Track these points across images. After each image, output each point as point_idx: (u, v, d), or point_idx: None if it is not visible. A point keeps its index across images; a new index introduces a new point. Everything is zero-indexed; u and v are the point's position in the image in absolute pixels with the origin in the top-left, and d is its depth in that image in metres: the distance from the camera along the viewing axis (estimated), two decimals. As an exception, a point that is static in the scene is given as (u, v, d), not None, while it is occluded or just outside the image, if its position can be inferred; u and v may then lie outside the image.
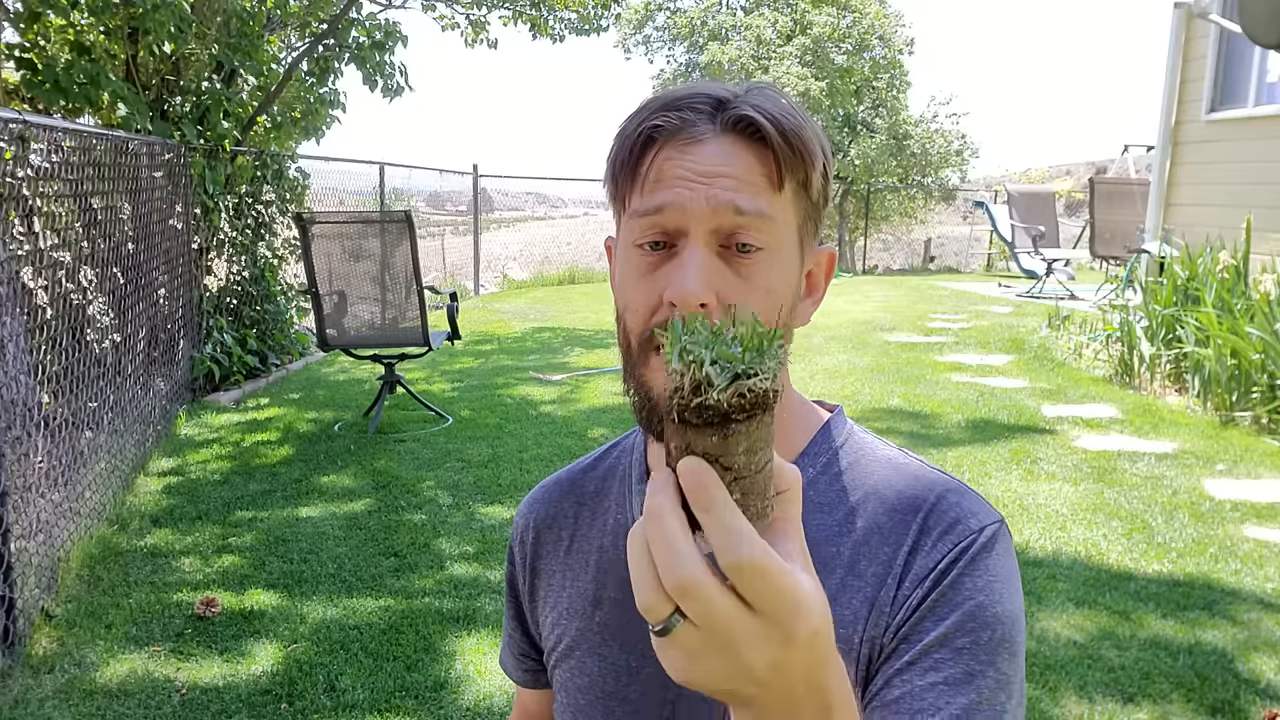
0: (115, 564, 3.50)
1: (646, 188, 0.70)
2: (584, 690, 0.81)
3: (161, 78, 6.08)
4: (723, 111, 0.69)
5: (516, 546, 0.91)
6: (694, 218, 0.68)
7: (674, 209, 0.68)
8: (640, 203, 0.70)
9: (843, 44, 16.67)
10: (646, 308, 0.70)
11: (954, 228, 18.72)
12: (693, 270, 0.67)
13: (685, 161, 0.69)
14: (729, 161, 0.68)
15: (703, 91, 0.71)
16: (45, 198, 4.03)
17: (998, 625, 0.66)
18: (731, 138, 0.69)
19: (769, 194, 0.69)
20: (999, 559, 0.69)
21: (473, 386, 6.50)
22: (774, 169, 0.69)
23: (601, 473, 0.88)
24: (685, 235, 0.68)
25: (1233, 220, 6.15)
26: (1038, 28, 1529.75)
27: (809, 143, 0.70)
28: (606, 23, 9.57)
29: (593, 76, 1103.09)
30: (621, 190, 0.72)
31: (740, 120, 0.69)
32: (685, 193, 0.68)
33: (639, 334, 0.70)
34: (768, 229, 0.69)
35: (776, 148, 0.69)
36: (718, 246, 0.69)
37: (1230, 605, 3.07)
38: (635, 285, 0.71)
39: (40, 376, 3.44)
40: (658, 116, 0.70)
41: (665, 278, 0.68)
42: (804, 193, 0.72)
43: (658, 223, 0.69)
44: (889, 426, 5.23)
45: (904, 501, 0.73)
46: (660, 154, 0.70)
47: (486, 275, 13.28)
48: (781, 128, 0.69)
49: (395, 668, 2.79)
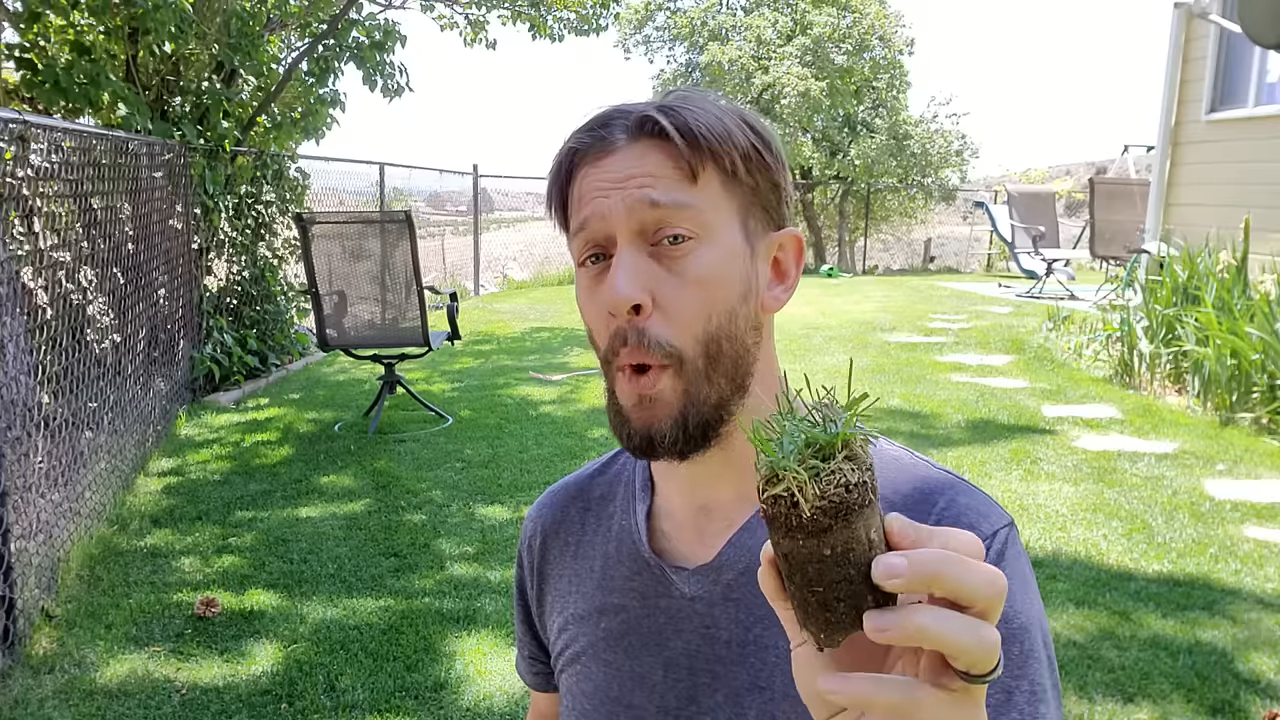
0: (115, 564, 3.50)
1: (575, 208, 0.72)
2: (589, 696, 0.80)
3: (161, 78, 6.08)
4: (630, 120, 0.71)
5: (525, 551, 0.91)
6: (615, 222, 0.69)
7: (596, 219, 0.70)
8: (574, 223, 0.72)
9: (843, 44, 16.67)
10: (601, 325, 0.71)
11: (954, 228, 18.72)
12: (620, 275, 0.68)
13: (601, 174, 0.70)
14: (639, 163, 0.70)
15: (617, 108, 0.73)
16: (45, 198, 4.03)
17: (1024, 636, 0.66)
18: (642, 142, 0.70)
19: (684, 185, 0.69)
20: (1014, 564, 0.69)
21: (473, 386, 6.50)
22: (683, 160, 0.69)
23: (609, 478, 0.88)
24: (614, 243, 0.70)
25: (1232, 220, 6.15)
26: (1037, 28, 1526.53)
27: (720, 130, 0.70)
28: (605, 23, 9.56)
29: (593, 76, 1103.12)
30: (558, 217, 0.75)
31: (644, 122, 0.70)
32: (604, 201, 0.69)
33: (603, 353, 0.72)
34: (693, 217, 0.69)
35: (678, 140, 0.69)
36: (647, 246, 0.69)
37: (1230, 605, 3.07)
38: (587, 305, 0.73)
39: (40, 376, 3.44)
40: (574, 139, 0.73)
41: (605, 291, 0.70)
42: (732, 179, 0.71)
43: (588, 237, 0.71)
44: (889, 426, 5.23)
45: (913, 502, 0.72)
46: (579, 173, 0.72)
47: (486, 275, 13.28)
48: (682, 120, 0.69)
49: (395, 668, 2.79)
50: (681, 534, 0.78)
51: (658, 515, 0.80)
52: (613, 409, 0.73)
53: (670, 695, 0.75)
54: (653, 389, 0.69)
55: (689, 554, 0.77)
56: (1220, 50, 6.97)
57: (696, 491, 0.77)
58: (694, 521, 0.78)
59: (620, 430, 0.72)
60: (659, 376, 0.69)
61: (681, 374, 0.69)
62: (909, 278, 14.75)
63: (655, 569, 0.78)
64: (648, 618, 0.77)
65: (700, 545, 0.77)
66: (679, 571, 0.76)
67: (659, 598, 0.77)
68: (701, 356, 0.69)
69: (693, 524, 0.78)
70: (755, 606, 0.73)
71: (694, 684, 0.74)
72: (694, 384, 0.69)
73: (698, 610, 0.75)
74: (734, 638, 0.73)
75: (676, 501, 0.79)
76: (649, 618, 0.77)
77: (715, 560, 0.75)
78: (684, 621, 0.75)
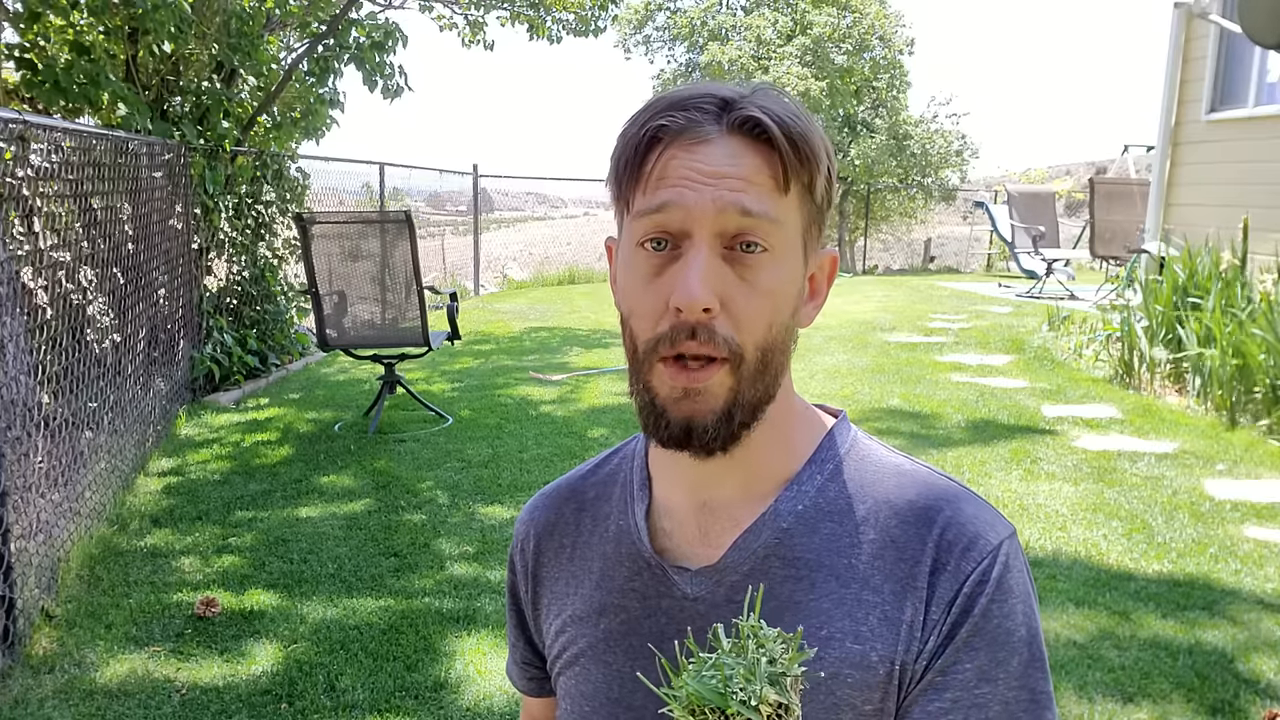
0: (115, 564, 3.50)
1: (650, 187, 0.69)
2: (588, 698, 0.80)
3: (161, 78, 6.08)
4: (729, 112, 0.69)
5: (517, 555, 0.90)
6: (699, 219, 0.67)
7: (678, 208, 0.67)
8: (644, 202, 0.69)
9: (843, 44, 16.68)
10: (653, 313, 0.69)
11: (954, 228, 18.72)
12: (697, 274, 0.66)
13: (690, 161, 0.68)
14: (735, 162, 0.68)
15: (709, 91, 0.70)
16: (45, 198, 4.03)
17: (1024, 648, 0.69)
18: (738, 138, 0.68)
19: (775, 196, 0.69)
20: (1017, 576, 0.71)
21: (472, 386, 6.50)
22: (780, 171, 0.69)
23: (603, 478, 0.87)
24: (689, 237, 0.68)
25: (1233, 220, 6.15)
26: (1037, 28, 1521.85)
27: (815, 146, 0.70)
28: (604, 24, 9.57)
29: (593, 76, 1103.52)
30: (625, 190, 0.71)
31: (747, 121, 0.68)
32: (690, 193, 0.67)
33: (645, 341, 0.70)
34: (773, 231, 0.69)
35: (783, 150, 0.68)
36: (721, 249, 0.68)
37: (1230, 605, 3.07)
38: (640, 290, 0.70)
39: (40, 376, 3.44)
40: (663, 116, 0.69)
41: (670, 282, 0.68)
42: (809, 196, 0.71)
43: (661, 222, 0.68)
44: (889, 426, 5.23)
45: (916, 512, 0.73)
46: (665, 153, 0.69)
47: (486, 275, 13.28)
48: (788, 130, 0.68)
49: (395, 668, 2.79)
50: (683, 532, 0.78)
51: (657, 513, 0.80)
52: (645, 397, 0.71)
53: None
54: (704, 382, 0.68)
55: (691, 553, 0.77)
56: (1220, 50, 6.96)
57: (700, 489, 0.77)
58: (696, 519, 0.77)
59: (652, 418, 0.71)
60: (715, 371, 0.68)
61: (735, 373, 0.69)
62: (909, 278, 14.75)
63: (656, 569, 0.77)
64: (648, 618, 0.77)
65: (703, 545, 0.76)
66: (681, 572, 0.76)
67: (660, 598, 0.77)
68: (757, 361, 0.70)
69: (695, 521, 0.77)
70: None
71: None
72: (743, 384, 0.69)
73: (700, 611, 0.75)
74: None
75: (677, 499, 0.78)
76: (650, 618, 0.77)
77: (719, 562, 0.74)
78: (686, 622, 0.75)
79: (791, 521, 0.74)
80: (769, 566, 0.73)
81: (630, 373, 0.73)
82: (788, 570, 0.73)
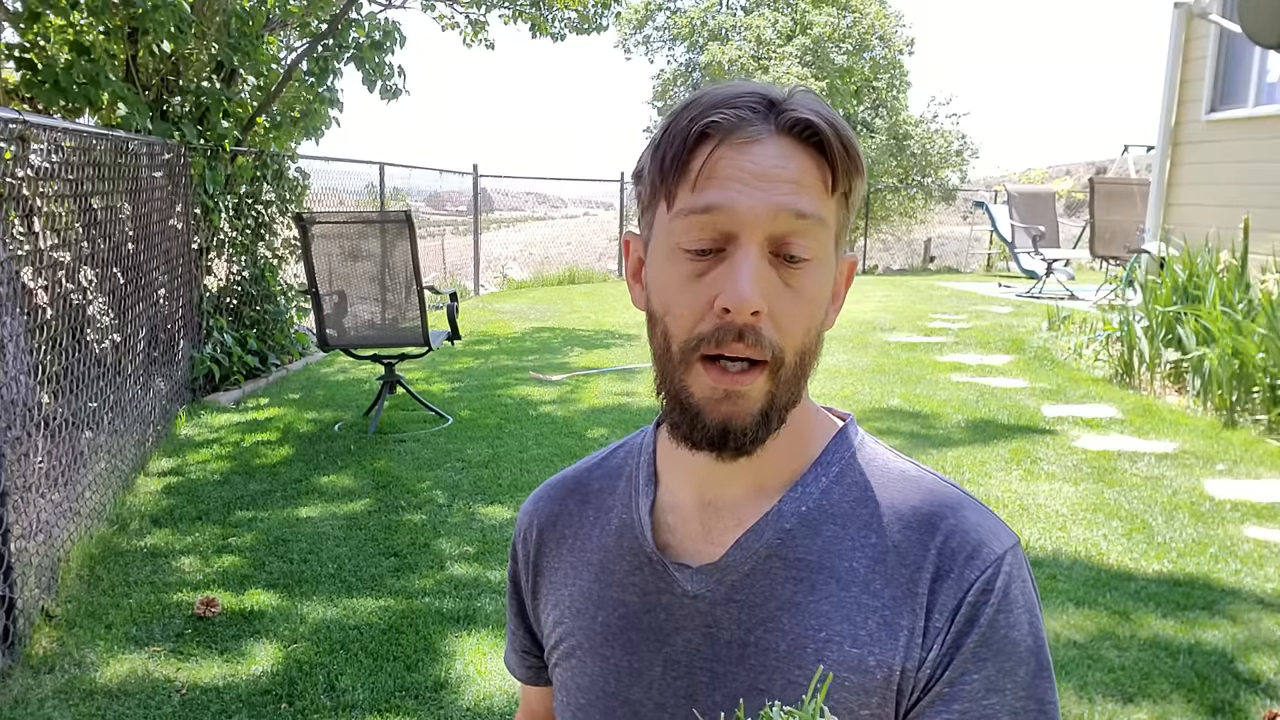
0: (115, 564, 3.50)
1: (698, 185, 0.68)
2: (584, 690, 0.80)
3: (161, 78, 6.08)
4: (777, 113, 0.68)
5: (519, 544, 0.90)
6: (750, 221, 0.67)
7: (728, 209, 0.67)
8: (690, 200, 0.68)
9: (843, 44, 16.68)
10: (693, 313, 0.68)
11: (954, 228, 18.72)
12: (749, 276, 0.66)
13: (740, 160, 0.67)
14: (784, 164, 0.67)
15: (754, 90, 0.69)
16: (45, 198, 4.03)
17: (1031, 658, 0.69)
18: (787, 140, 0.68)
19: (823, 199, 0.69)
20: (1021, 586, 0.71)
21: (473, 386, 6.50)
22: (829, 174, 0.69)
23: (607, 471, 0.87)
24: (736, 239, 0.67)
25: (1233, 220, 6.15)
26: (1037, 28, 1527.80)
27: (859, 151, 0.70)
28: (606, 22, 9.57)
29: (593, 76, 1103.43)
30: (668, 186, 0.70)
31: (798, 123, 0.68)
32: (741, 196, 0.67)
33: (682, 340, 0.69)
34: (819, 234, 0.69)
35: (835, 154, 0.68)
36: (768, 253, 0.68)
37: (1230, 605, 3.07)
38: (680, 290, 0.69)
39: (40, 376, 3.44)
40: (713, 113, 0.67)
41: (715, 283, 0.67)
42: (845, 201, 0.72)
43: (710, 222, 0.67)
44: (889, 426, 5.23)
45: (919, 518, 0.72)
46: (715, 151, 0.67)
47: (486, 275, 13.28)
48: (839, 133, 0.68)
49: (395, 668, 2.79)
50: (686, 528, 0.78)
51: (661, 508, 0.80)
52: (680, 397, 0.71)
53: (668, 692, 0.75)
54: (746, 384, 0.68)
55: (693, 550, 0.77)
56: (1220, 50, 6.96)
57: (708, 487, 0.77)
58: (700, 516, 0.77)
59: (686, 419, 0.71)
60: (757, 375, 0.68)
61: (774, 377, 0.69)
62: (909, 277, 14.75)
63: (657, 564, 0.77)
64: (648, 613, 0.77)
65: (705, 542, 0.76)
66: (682, 569, 0.76)
67: (660, 594, 0.77)
68: (795, 366, 0.70)
69: (698, 518, 0.77)
70: (758, 609, 0.73)
71: (692, 682, 0.74)
72: (780, 388, 0.70)
73: (700, 609, 0.75)
74: (735, 639, 0.73)
75: (683, 495, 0.78)
76: (649, 613, 0.77)
77: (721, 560, 0.74)
78: (685, 619, 0.75)
79: (794, 522, 0.74)
80: (770, 566, 0.73)
81: (659, 371, 0.72)
82: (788, 571, 0.73)
